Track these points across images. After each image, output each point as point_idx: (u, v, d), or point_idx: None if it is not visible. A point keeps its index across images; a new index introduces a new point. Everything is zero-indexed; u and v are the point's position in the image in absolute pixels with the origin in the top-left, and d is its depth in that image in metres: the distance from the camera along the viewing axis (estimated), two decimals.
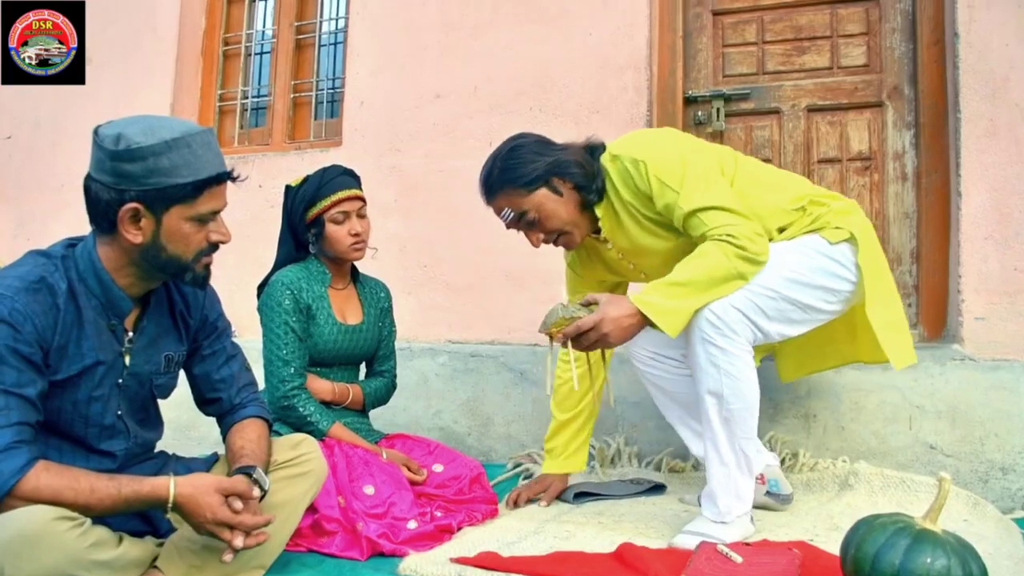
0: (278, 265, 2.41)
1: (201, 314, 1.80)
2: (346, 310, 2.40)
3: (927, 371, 2.58)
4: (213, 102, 3.99)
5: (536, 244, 2.16)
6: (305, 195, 2.32)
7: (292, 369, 2.24)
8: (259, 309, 2.32)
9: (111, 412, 1.64)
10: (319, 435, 2.21)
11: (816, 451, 2.63)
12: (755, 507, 2.13)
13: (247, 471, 1.63)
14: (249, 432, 1.78)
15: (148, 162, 1.48)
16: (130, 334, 1.66)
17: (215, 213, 1.60)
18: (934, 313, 2.81)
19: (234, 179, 1.61)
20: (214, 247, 1.63)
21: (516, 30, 3.24)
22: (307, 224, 2.33)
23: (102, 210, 1.53)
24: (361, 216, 2.36)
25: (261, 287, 2.39)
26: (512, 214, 2.11)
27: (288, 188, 2.40)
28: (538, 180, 2.06)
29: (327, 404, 2.33)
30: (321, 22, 3.88)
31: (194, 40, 3.97)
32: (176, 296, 1.76)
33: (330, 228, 2.31)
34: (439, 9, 3.40)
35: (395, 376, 2.54)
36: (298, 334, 2.26)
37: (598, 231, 2.17)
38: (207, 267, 1.65)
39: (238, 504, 1.52)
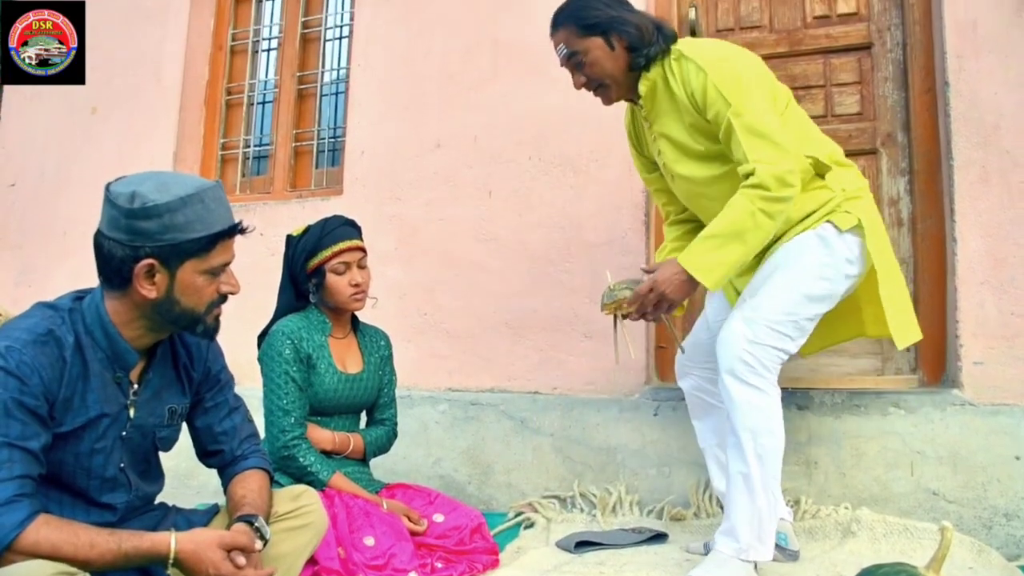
0: (278, 314, 2.42)
1: (204, 367, 1.81)
2: (346, 359, 2.41)
3: (927, 416, 2.58)
4: (215, 151, 4.03)
5: (577, 86, 2.28)
6: (306, 245, 2.34)
7: (292, 419, 2.24)
8: (260, 359, 2.33)
9: (113, 464, 1.64)
10: (319, 485, 2.20)
11: (818, 498, 2.61)
12: None
13: (249, 519, 1.63)
14: (251, 482, 1.78)
15: (164, 219, 1.51)
16: (135, 386, 1.67)
17: (226, 265, 1.62)
18: (933, 358, 2.81)
19: (243, 231, 1.64)
20: (224, 298, 1.65)
21: (515, 82, 3.29)
22: (308, 274, 2.35)
23: (115, 267, 1.54)
24: (361, 267, 2.38)
25: (261, 336, 2.40)
26: (565, 51, 2.23)
27: (289, 237, 2.42)
28: (596, 28, 2.18)
29: (328, 454, 2.33)
30: (323, 72, 3.94)
31: (197, 90, 4.03)
32: (180, 348, 1.77)
33: (331, 278, 2.33)
34: (440, 61, 3.46)
35: (396, 424, 2.54)
36: (298, 384, 2.27)
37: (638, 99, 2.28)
38: (217, 318, 1.67)
39: (241, 560, 1.52)
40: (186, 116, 3.97)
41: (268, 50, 4.11)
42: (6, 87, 4.35)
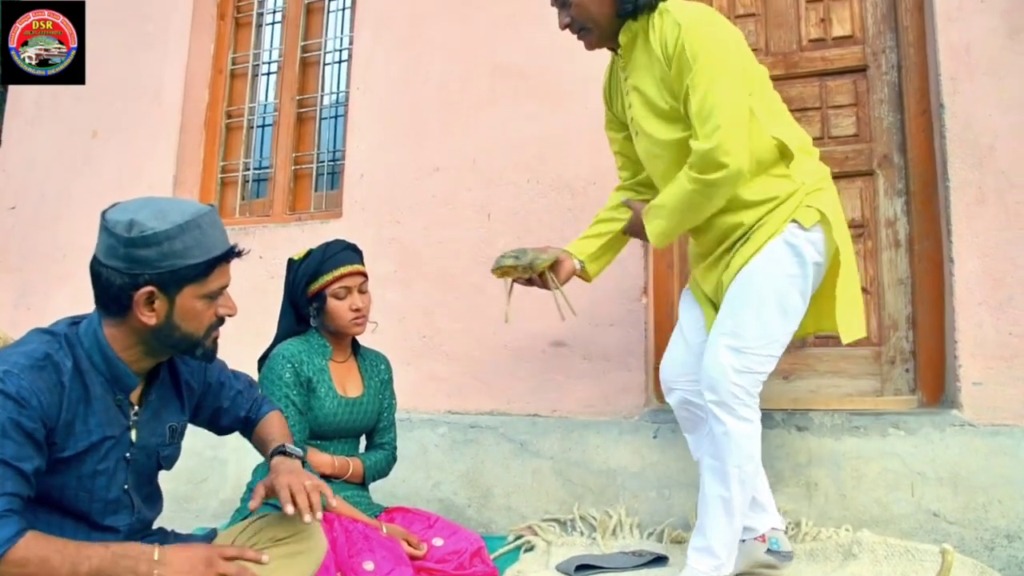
0: (279, 338, 2.42)
1: (203, 380, 1.85)
2: (347, 383, 2.41)
3: (927, 437, 2.58)
4: (215, 174, 4.06)
5: (561, 26, 2.27)
6: (307, 269, 2.35)
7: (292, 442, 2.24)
8: (260, 382, 2.32)
9: (117, 486, 1.64)
10: None
11: (819, 520, 2.61)
12: (758, 567, 2.20)
13: (280, 449, 1.78)
14: (272, 421, 1.95)
15: (163, 246, 1.52)
16: (135, 407, 1.68)
17: (223, 288, 1.64)
18: (932, 378, 2.81)
19: (240, 255, 1.65)
20: (222, 320, 1.67)
21: (513, 106, 3.31)
22: (309, 298, 2.35)
23: (114, 294, 1.55)
24: (362, 291, 2.38)
25: (262, 360, 2.40)
26: None
27: (291, 261, 2.43)
28: None
29: (327, 477, 2.32)
30: (322, 96, 3.96)
31: (197, 113, 4.06)
32: (181, 366, 1.79)
33: (331, 303, 2.33)
34: (438, 85, 3.48)
35: (395, 449, 2.54)
36: (299, 407, 2.27)
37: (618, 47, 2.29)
38: (215, 340, 1.69)
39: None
40: (186, 139, 3.99)
41: (268, 74, 4.14)
42: (8, 117, 4.37)
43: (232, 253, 1.63)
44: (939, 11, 2.80)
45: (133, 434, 1.66)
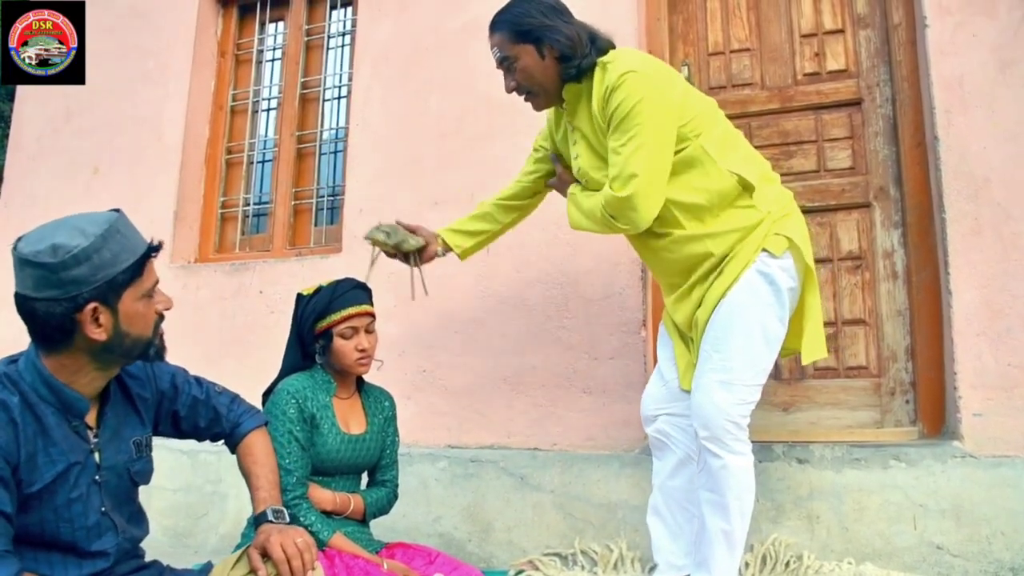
0: (284, 372, 2.42)
1: (155, 389, 1.84)
2: (350, 420, 2.40)
3: (928, 469, 2.57)
4: (215, 209, 4.08)
5: (508, 90, 2.32)
6: (316, 307, 2.35)
7: (294, 479, 2.23)
8: None
9: (94, 510, 1.63)
10: (320, 545, 2.17)
11: (821, 553, 2.60)
12: None
13: (261, 518, 1.76)
14: (256, 451, 1.94)
15: (93, 260, 1.52)
16: (94, 430, 1.67)
17: (156, 284, 1.65)
18: (932, 410, 2.81)
19: (160, 247, 1.66)
20: (162, 317, 1.68)
21: (510, 140, 3.34)
22: (315, 335, 2.36)
23: (56, 324, 1.53)
24: (369, 331, 2.38)
25: (266, 394, 2.40)
26: (499, 55, 2.27)
27: (299, 296, 2.43)
28: (527, 36, 2.21)
29: (328, 514, 2.31)
30: (322, 131, 4.00)
31: (198, 149, 4.08)
32: (128, 380, 1.78)
33: (338, 342, 2.33)
34: (436, 120, 3.51)
35: (397, 486, 2.52)
36: (301, 443, 2.26)
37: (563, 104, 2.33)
38: (162, 338, 1.70)
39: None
40: (187, 175, 4.02)
41: (268, 110, 4.18)
42: (9, 153, 4.40)
43: (153, 248, 1.64)
44: (931, 45, 2.84)
45: (97, 456, 1.66)
